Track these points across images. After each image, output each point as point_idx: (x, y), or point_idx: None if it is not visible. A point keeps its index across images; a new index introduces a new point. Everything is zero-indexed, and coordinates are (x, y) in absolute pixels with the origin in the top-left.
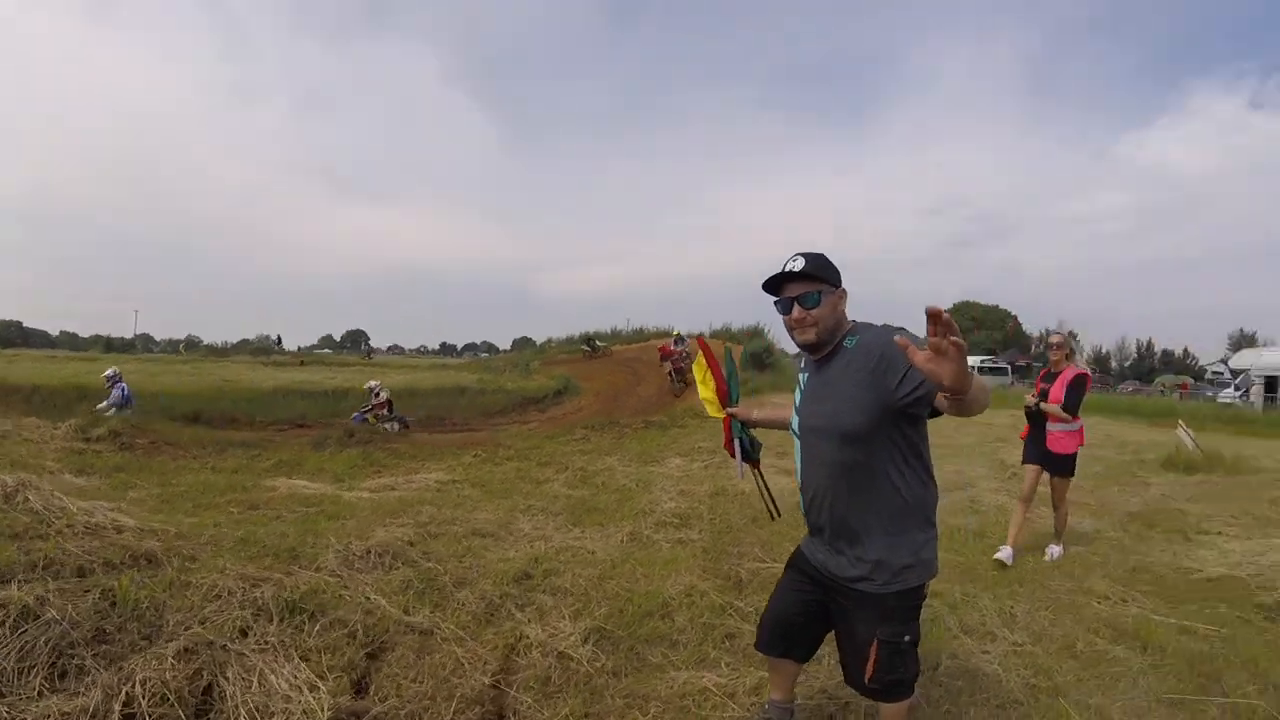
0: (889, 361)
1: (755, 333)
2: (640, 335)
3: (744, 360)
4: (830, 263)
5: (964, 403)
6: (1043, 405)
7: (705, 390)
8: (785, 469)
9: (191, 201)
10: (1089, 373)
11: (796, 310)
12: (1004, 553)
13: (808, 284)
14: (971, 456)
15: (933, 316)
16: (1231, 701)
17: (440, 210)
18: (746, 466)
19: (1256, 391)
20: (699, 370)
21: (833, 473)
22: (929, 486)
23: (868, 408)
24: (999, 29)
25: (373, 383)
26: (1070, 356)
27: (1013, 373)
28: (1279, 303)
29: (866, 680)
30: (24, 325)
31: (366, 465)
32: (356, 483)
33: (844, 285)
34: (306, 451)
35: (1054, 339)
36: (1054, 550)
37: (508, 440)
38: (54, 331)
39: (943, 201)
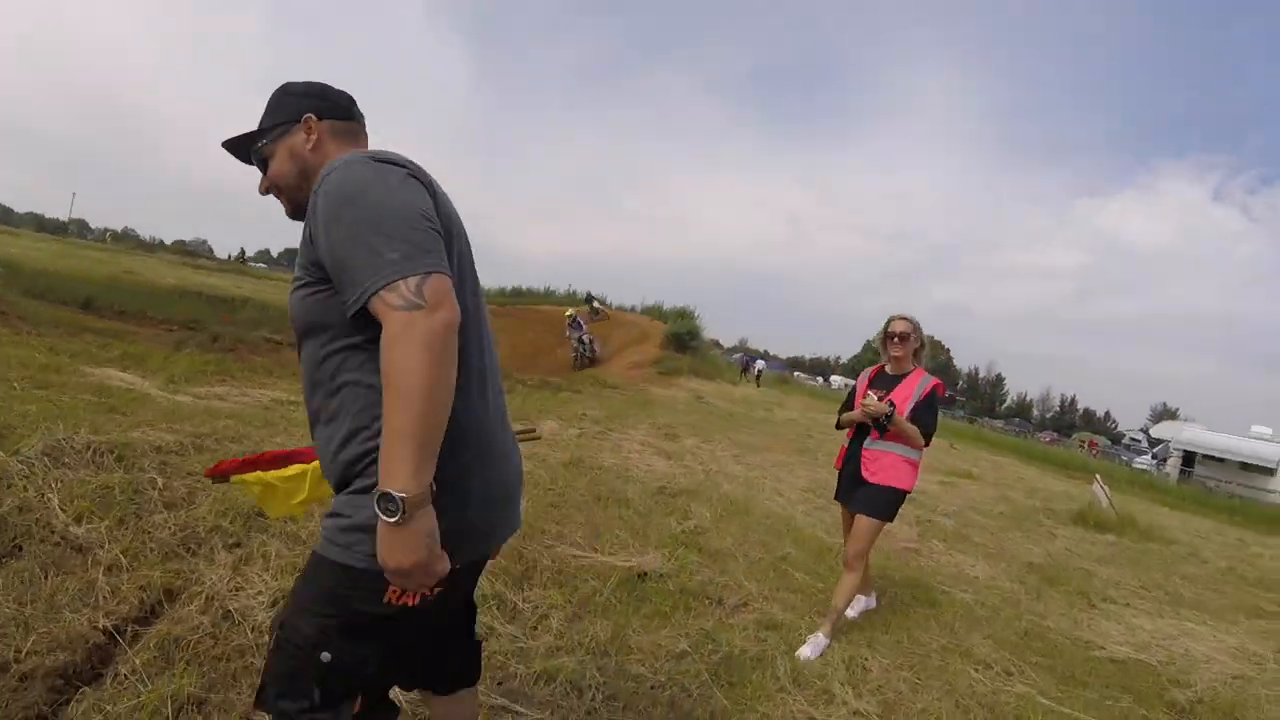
0: None
1: (682, 314)
2: (573, 299)
3: (665, 339)
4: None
5: None
6: (897, 419)
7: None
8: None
9: (147, 97)
10: (942, 382)
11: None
12: (810, 647)
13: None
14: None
15: None
16: None
17: (402, 144)
18: None
19: (1173, 463)
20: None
21: None
22: None
23: None
24: (983, 72)
25: None
26: (919, 355)
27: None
28: (1202, 383)
29: None
30: None
31: (212, 372)
32: (185, 386)
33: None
34: (161, 349)
35: (898, 325)
36: (864, 603)
37: None
38: None
39: (898, 229)
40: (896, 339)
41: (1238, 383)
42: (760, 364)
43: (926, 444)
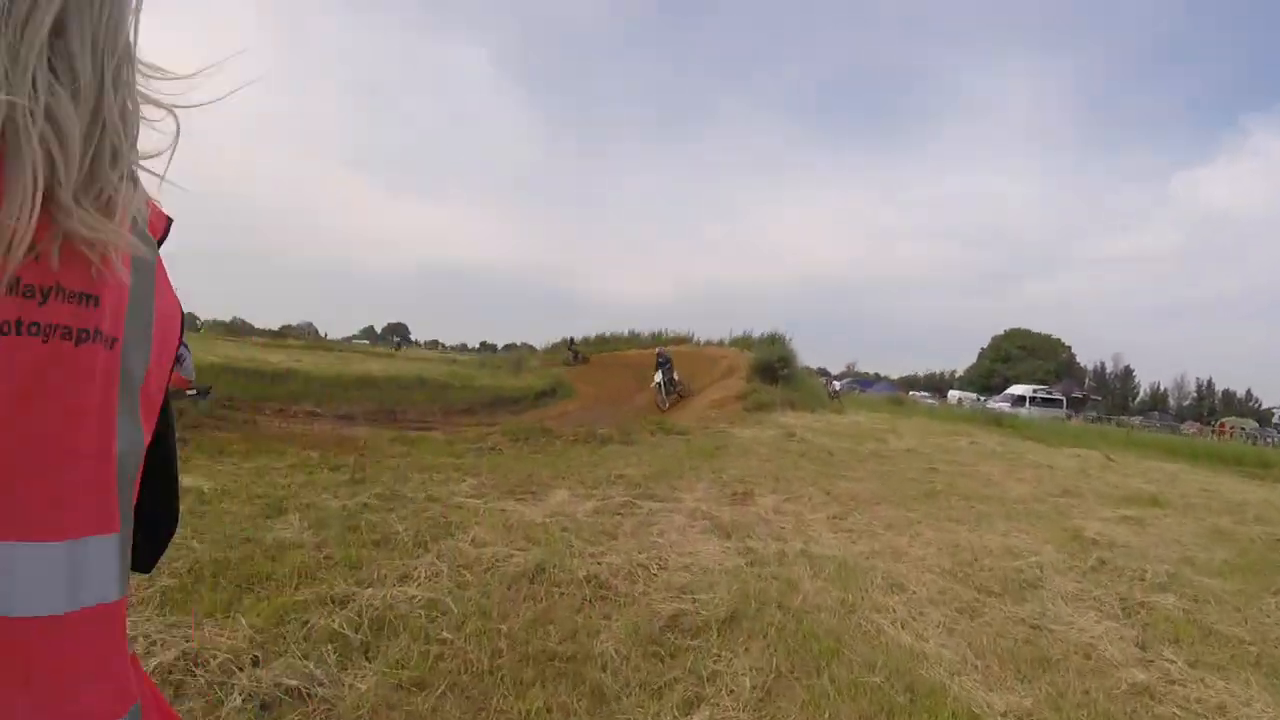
0: None
1: (772, 339)
2: (659, 339)
3: (752, 370)
4: None
5: None
6: None
7: None
8: None
9: (242, 186)
10: None
11: None
12: None
13: None
14: (1027, 519)
15: None
16: None
17: (488, 212)
18: None
19: None
20: None
21: None
22: None
23: None
24: (1053, 56)
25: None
26: None
27: (1068, 405)
28: None
29: None
30: None
31: None
32: None
33: None
34: None
35: None
36: None
37: (385, 446)
38: None
39: (991, 229)
40: None
41: None
42: (836, 384)
43: None
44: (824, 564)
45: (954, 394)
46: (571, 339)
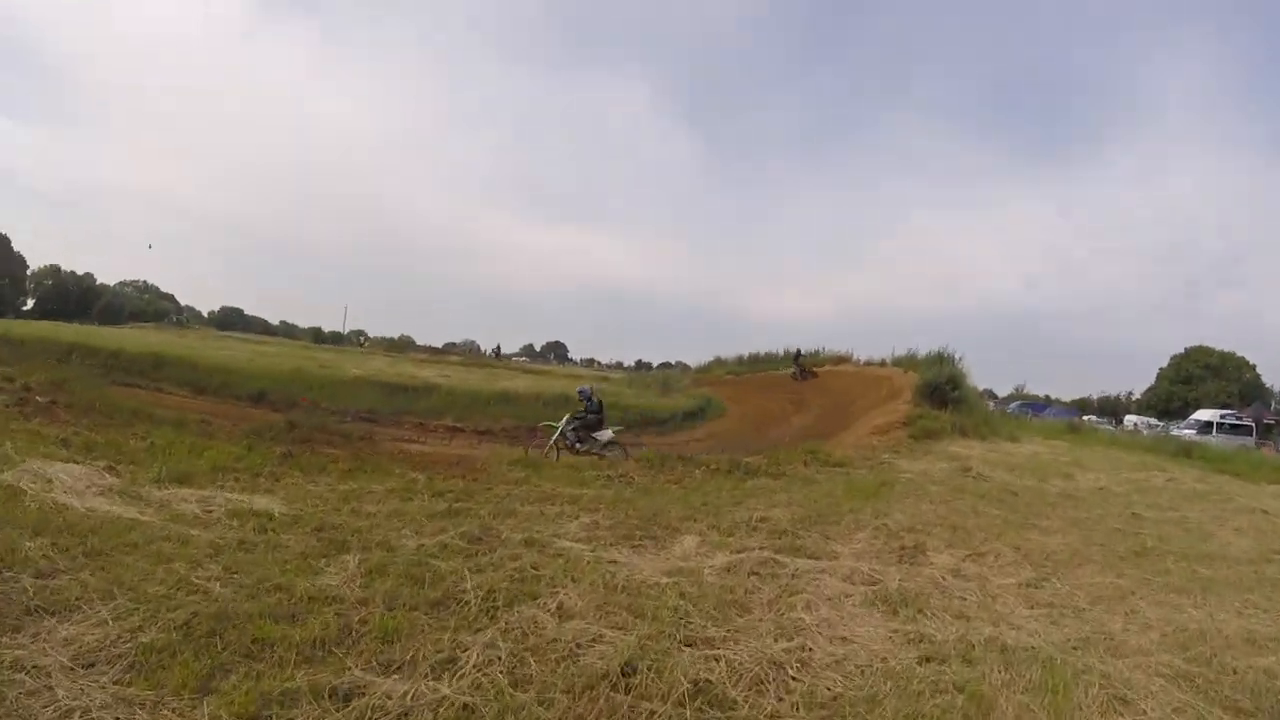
0: None
1: (940, 358)
2: (817, 358)
3: (919, 393)
4: None
5: None
6: None
7: None
8: None
9: (404, 207)
10: None
11: None
12: None
13: None
14: (1261, 588)
15: None
16: None
17: (646, 234)
18: None
19: None
20: None
21: None
22: None
23: None
24: (1225, 53)
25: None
26: None
27: (1258, 432)
28: None
29: None
30: (244, 312)
31: (244, 469)
32: (171, 486)
33: None
34: (229, 440)
35: None
36: None
37: (503, 470)
38: (274, 320)
39: (1170, 242)
40: None
41: None
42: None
43: None
44: (1023, 663)
45: (1131, 419)
46: (799, 351)
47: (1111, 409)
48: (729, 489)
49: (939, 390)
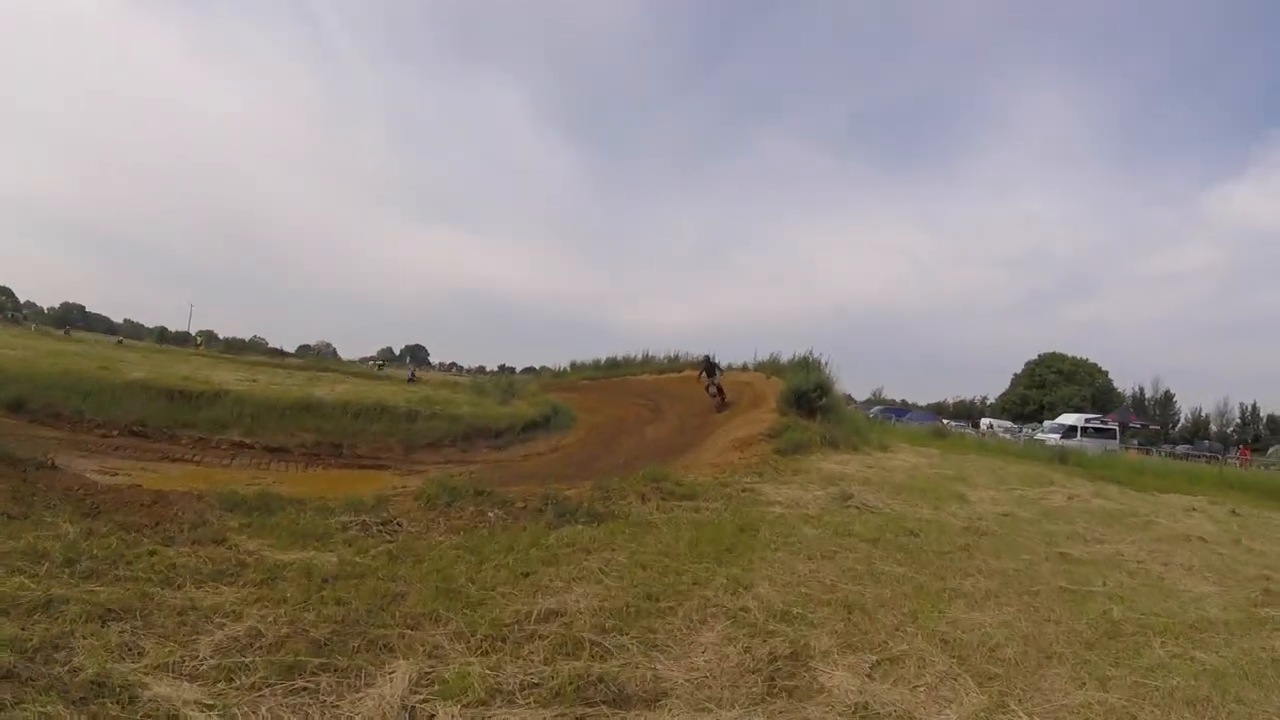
0: None
1: (805, 364)
2: (675, 364)
3: (784, 400)
4: None
5: None
6: None
7: None
8: None
9: (274, 214)
10: None
11: None
12: None
13: None
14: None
15: None
16: None
17: (519, 240)
18: None
19: None
20: None
21: None
22: None
23: None
24: (1083, 77)
25: None
26: None
27: (1122, 435)
28: None
29: None
30: (85, 309)
31: None
32: None
33: None
34: None
35: None
36: None
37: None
38: (118, 319)
39: (1023, 253)
40: None
41: None
42: (874, 411)
43: None
44: None
45: (986, 422)
46: (712, 362)
47: (967, 413)
48: (526, 544)
49: (806, 398)
